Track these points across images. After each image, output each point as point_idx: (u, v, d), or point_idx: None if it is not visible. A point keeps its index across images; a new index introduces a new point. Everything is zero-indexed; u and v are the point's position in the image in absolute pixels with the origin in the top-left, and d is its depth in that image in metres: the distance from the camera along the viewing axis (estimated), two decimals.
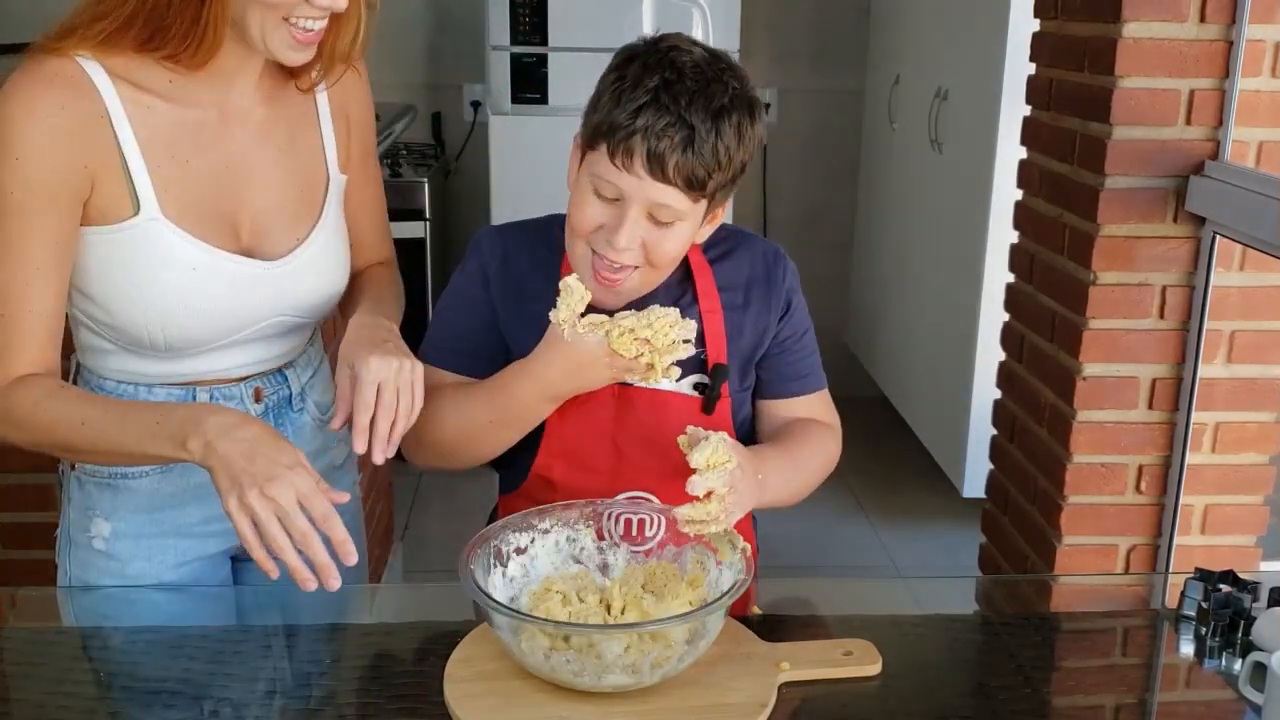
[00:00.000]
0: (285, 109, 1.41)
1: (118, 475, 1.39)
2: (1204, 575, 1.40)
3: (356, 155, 1.49)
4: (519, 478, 1.45)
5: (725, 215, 1.49)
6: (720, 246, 1.49)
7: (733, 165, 1.32)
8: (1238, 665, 1.29)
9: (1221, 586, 1.38)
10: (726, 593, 1.19)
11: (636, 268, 1.34)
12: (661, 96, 1.26)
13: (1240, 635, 1.33)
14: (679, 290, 1.44)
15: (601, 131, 1.29)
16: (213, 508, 1.40)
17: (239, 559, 1.51)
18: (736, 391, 1.48)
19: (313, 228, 1.41)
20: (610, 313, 1.32)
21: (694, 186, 1.29)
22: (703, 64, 1.30)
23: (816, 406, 1.54)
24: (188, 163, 1.31)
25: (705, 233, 1.41)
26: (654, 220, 1.31)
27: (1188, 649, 1.38)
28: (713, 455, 1.24)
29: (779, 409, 1.51)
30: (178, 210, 1.31)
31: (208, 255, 1.32)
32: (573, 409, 1.40)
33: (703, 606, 1.18)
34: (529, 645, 1.16)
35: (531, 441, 1.42)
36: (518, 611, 1.18)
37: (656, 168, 1.27)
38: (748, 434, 1.51)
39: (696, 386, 1.43)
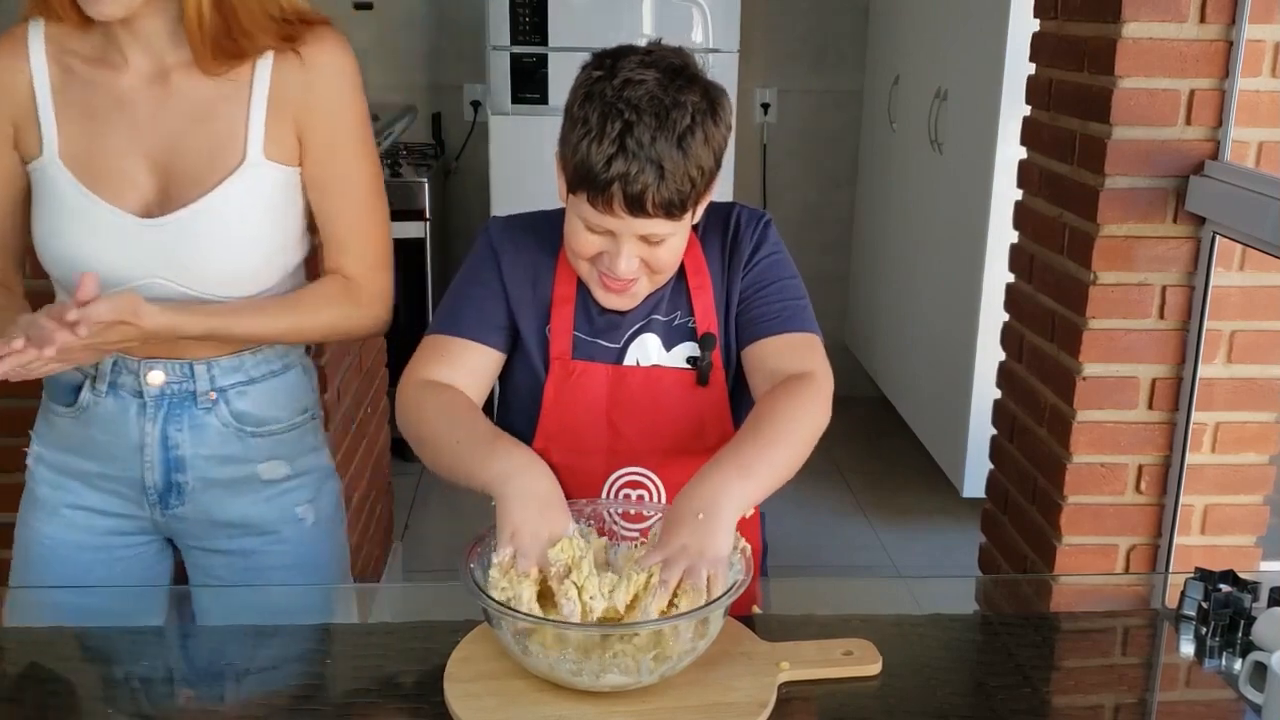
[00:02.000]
0: (215, 86, 1.44)
1: (49, 405, 1.54)
2: (1204, 575, 1.40)
3: (317, 149, 1.48)
4: None
5: None
6: (710, 224, 1.49)
7: (706, 172, 1.34)
8: (1238, 665, 1.29)
9: (1222, 586, 1.38)
10: (725, 593, 1.19)
11: (643, 277, 1.39)
12: (628, 143, 1.29)
13: (1240, 635, 1.34)
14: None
15: (579, 181, 1.32)
16: (108, 467, 1.50)
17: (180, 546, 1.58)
18: (734, 363, 1.48)
19: (203, 195, 1.42)
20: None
21: (675, 210, 1.32)
22: (658, 91, 1.31)
23: (789, 347, 1.44)
24: (93, 118, 1.43)
25: (700, 209, 1.42)
26: (648, 241, 1.35)
27: (1188, 649, 1.39)
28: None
29: (753, 354, 1.45)
30: (74, 159, 1.42)
31: (91, 204, 1.41)
32: (568, 389, 1.42)
33: (701, 606, 1.18)
34: (528, 644, 1.16)
35: (527, 426, 1.43)
36: (516, 610, 1.18)
37: (637, 207, 1.31)
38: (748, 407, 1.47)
39: (689, 360, 1.45)
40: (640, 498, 1.42)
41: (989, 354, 2.99)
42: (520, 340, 1.46)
